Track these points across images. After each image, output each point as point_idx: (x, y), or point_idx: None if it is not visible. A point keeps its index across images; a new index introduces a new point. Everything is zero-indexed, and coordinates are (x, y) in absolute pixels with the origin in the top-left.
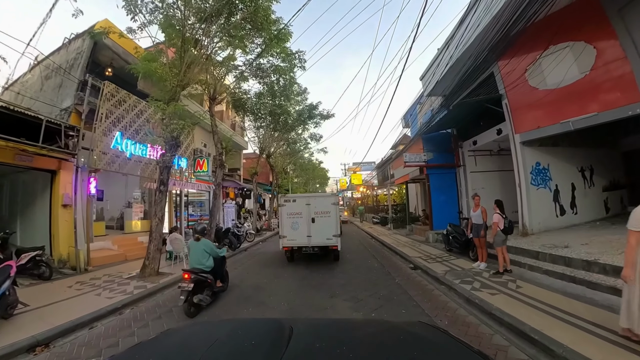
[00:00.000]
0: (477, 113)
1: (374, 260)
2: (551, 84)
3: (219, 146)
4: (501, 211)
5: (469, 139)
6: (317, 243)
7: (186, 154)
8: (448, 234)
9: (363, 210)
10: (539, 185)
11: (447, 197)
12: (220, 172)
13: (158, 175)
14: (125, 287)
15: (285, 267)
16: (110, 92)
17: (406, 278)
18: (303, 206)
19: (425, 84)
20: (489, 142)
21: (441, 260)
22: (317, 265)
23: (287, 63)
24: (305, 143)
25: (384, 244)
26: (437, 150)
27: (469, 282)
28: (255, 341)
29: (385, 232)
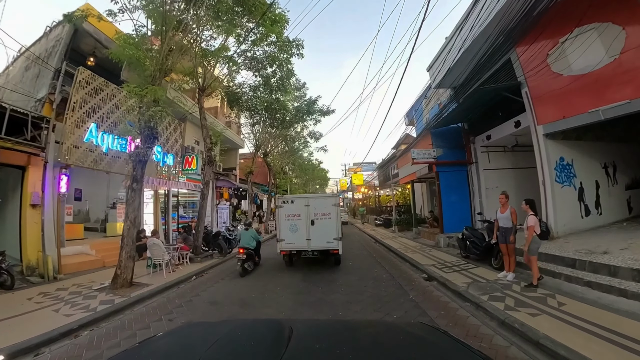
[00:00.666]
0: (491, 105)
1: (381, 268)
2: (577, 70)
3: (208, 141)
4: (534, 212)
5: (481, 133)
6: (317, 247)
7: (173, 149)
8: (465, 239)
9: (365, 212)
10: (563, 183)
11: (459, 197)
12: (209, 169)
13: (130, 171)
14: (89, 302)
15: (279, 276)
16: (85, 79)
17: (422, 293)
18: (302, 207)
19: (432, 76)
20: (505, 136)
21: (459, 269)
22: (316, 276)
23: (284, 53)
24: (305, 141)
25: (390, 248)
26: (446, 146)
27: (499, 298)
28: (255, 341)
29: (390, 235)
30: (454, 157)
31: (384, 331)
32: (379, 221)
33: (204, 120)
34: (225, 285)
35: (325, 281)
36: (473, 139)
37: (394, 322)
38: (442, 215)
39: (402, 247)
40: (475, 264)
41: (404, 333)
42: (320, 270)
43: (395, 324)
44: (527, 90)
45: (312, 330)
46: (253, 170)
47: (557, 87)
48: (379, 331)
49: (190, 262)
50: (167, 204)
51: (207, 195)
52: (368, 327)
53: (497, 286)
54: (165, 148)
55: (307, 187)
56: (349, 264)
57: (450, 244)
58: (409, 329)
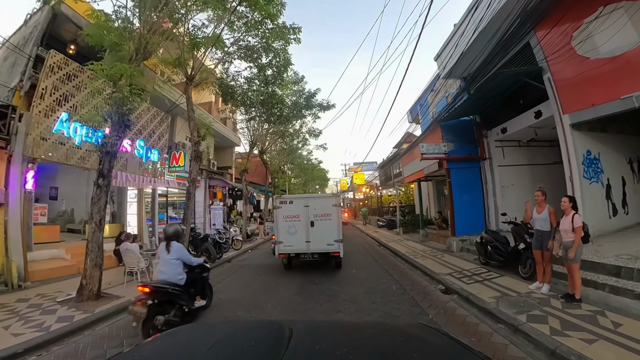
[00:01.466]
0: (506, 95)
1: (389, 278)
2: (605, 52)
3: (195, 134)
4: (576, 210)
5: (495, 126)
6: (316, 249)
7: (159, 144)
8: (485, 243)
9: (367, 212)
10: (591, 179)
11: (471, 196)
12: (196, 165)
13: (98, 165)
14: (46, 318)
15: (272, 288)
16: (56, 64)
17: (442, 311)
18: (301, 208)
19: (441, 65)
20: (524, 128)
21: (480, 278)
22: (314, 288)
23: (280, 39)
24: (304, 139)
25: (397, 253)
26: (457, 140)
27: (539, 318)
28: (255, 342)
29: (394, 238)
30: (466, 153)
31: (384, 332)
32: (382, 222)
33: (191, 111)
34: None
35: (325, 296)
36: (486, 133)
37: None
38: (454, 217)
39: (411, 252)
40: (498, 272)
41: (404, 334)
42: (319, 280)
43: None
44: (549, 76)
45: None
46: (248, 169)
47: (584, 71)
48: (379, 332)
49: None
50: (153, 204)
51: (194, 195)
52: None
53: (532, 301)
54: (150, 142)
55: (306, 187)
56: (352, 273)
57: (464, 248)
58: (410, 330)
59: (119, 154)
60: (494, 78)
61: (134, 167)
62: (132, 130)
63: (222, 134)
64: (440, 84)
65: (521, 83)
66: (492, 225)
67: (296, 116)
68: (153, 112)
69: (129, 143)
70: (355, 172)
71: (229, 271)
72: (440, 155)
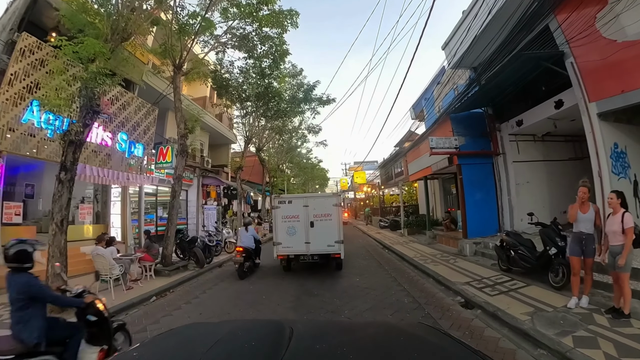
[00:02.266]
0: (523, 84)
1: (399, 288)
2: (633, 34)
3: (182, 127)
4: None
5: (509, 119)
6: (316, 251)
7: (144, 138)
8: (507, 247)
9: (369, 212)
10: (619, 175)
11: (484, 194)
12: (182, 160)
13: (61, 157)
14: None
15: (263, 301)
16: (28, 47)
17: (468, 332)
18: (300, 208)
19: (449, 54)
20: (542, 120)
21: (505, 289)
22: (312, 301)
23: (276, 28)
24: (303, 136)
25: (404, 257)
26: (468, 134)
27: (587, 341)
28: (256, 342)
29: (399, 240)
30: (478, 147)
31: (385, 332)
32: (384, 223)
33: (178, 102)
34: (190, 312)
35: (325, 312)
36: (499, 126)
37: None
38: (466, 217)
39: (419, 256)
40: (523, 280)
41: (405, 334)
42: (318, 291)
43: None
44: (572, 60)
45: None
46: (243, 166)
47: (611, 55)
48: (380, 332)
49: (157, 275)
50: (140, 204)
51: (179, 193)
52: (369, 327)
53: (573, 318)
54: (133, 136)
55: (306, 186)
56: (355, 282)
57: (478, 251)
58: (410, 330)
59: (97, 148)
60: (515, 61)
61: (116, 163)
62: (114, 122)
63: (217, 130)
64: (447, 75)
65: (541, 69)
66: (506, 226)
67: (294, 110)
68: (138, 104)
69: (109, 136)
70: (356, 171)
71: (217, 278)
72: (451, 150)
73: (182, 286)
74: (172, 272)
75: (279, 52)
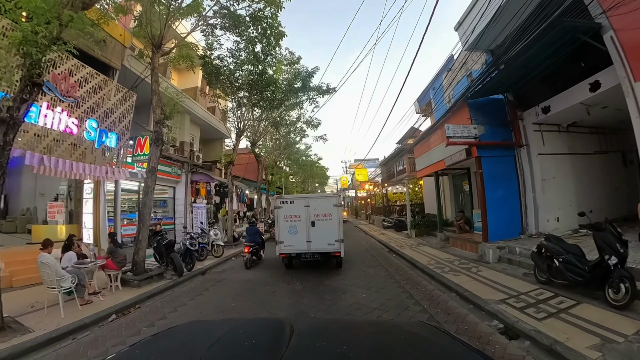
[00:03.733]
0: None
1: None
2: None
3: (158, 112)
4: None
5: (533, 105)
6: (317, 249)
7: (118, 127)
8: (547, 255)
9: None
10: None
11: (506, 191)
12: (157, 151)
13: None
14: None
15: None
16: None
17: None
18: (302, 208)
19: (464, 35)
20: (573, 106)
21: (553, 309)
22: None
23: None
24: (301, 130)
25: (415, 264)
26: (487, 123)
27: None
28: (256, 340)
29: (406, 242)
30: (498, 138)
31: (385, 330)
32: (388, 223)
33: (155, 84)
34: None
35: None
36: (521, 114)
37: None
38: (487, 218)
39: (434, 263)
40: (570, 296)
41: (405, 332)
42: (316, 311)
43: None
44: (612, 34)
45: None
46: (234, 160)
47: None
48: (380, 330)
49: (125, 286)
50: (116, 202)
51: (153, 188)
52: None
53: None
54: (105, 124)
55: (305, 185)
56: (361, 298)
57: (502, 257)
58: (410, 329)
59: (60, 137)
60: (551, 30)
61: (84, 154)
62: (81, 106)
63: (209, 123)
64: (462, 58)
65: (576, 45)
66: (531, 228)
67: (291, 101)
68: (112, 87)
69: (75, 123)
70: (357, 167)
71: (196, 290)
72: (470, 139)
73: (152, 300)
74: (142, 282)
75: (273, 34)
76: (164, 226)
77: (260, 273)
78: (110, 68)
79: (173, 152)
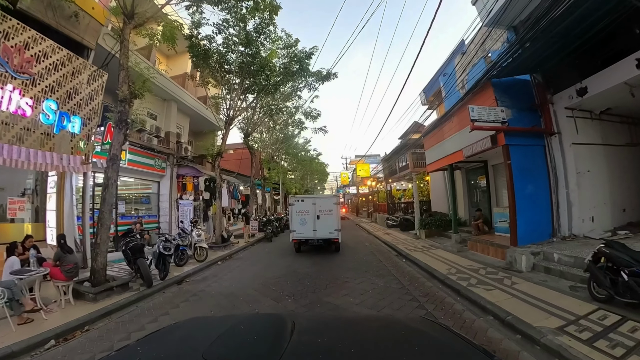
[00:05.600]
0: (596, 32)
1: None
2: None
3: (125, 88)
4: None
5: (565, 87)
6: (321, 236)
7: (83, 110)
8: (613, 266)
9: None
10: None
11: (535, 187)
12: (120, 135)
13: None
14: None
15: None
16: None
17: None
18: (310, 205)
19: (483, 9)
20: (616, 86)
21: (630, 340)
22: None
23: None
24: (300, 122)
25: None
26: (514, 107)
27: None
28: (258, 336)
29: (415, 244)
30: (526, 124)
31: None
32: (393, 221)
33: (124, 58)
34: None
35: None
36: (551, 98)
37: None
38: (516, 217)
39: (455, 272)
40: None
41: (405, 328)
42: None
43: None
44: None
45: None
46: (223, 152)
47: None
48: (381, 326)
49: (79, 299)
50: (84, 196)
51: (115, 180)
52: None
53: None
54: (67, 106)
55: (304, 181)
56: None
57: (537, 265)
58: (411, 324)
59: (10, 119)
60: None
61: (39, 140)
62: (38, 85)
63: (199, 113)
64: (479, 39)
65: (627, 10)
66: (563, 229)
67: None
68: (78, 65)
69: (29, 103)
70: (359, 163)
71: (163, 306)
72: (497, 124)
73: (107, 319)
74: (100, 294)
75: (267, 7)
76: (148, 225)
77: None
78: (85, 48)
79: (157, 142)
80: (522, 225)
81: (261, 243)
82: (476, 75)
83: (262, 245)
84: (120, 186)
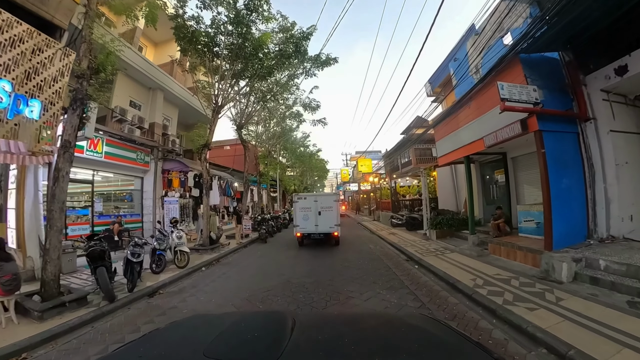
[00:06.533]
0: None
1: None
2: None
3: (85, 63)
4: None
5: (600, 67)
6: (322, 231)
7: (45, 94)
8: None
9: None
10: None
11: (570, 180)
12: (75, 118)
13: None
14: None
15: None
16: None
17: None
18: (312, 202)
19: None
20: None
21: None
22: None
23: None
24: (298, 114)
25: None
26: (543, 87)
27: None
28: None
29: (426, 246)
30: (558, 106)
31: (385, 323)
32: (398, 220)
33: (87, 29)
34: None
35: None
36: (584, 79)
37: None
38: (551, 216)
39: (483, 284)
40: None
41: (405, 325)
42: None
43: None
44: None
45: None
46: (210, 143)
47: None
48: (380, 323)
49: (24, 316)
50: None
51: (67, 173)
52: (370, 318)
53: None
54: (25, 88)
55: (303, 178)
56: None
57: (579, 274)
58: (411, 321)
59: None
60: None
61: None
62: None
63: (189, 104)
64: (498, 15)
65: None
66: (600, 230)
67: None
68: (39, 41)
69: None
70: (360, 158)
71: (121, 329)
72: (529, 105)
73: (50, 345)
74: (48, 312)
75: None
76: (130, 224)
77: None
78: (57, 28)
79: (139, 134)
80: (558, 225)
81: (254, 244)
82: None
83: (255, 247)
84: (99, 182)
